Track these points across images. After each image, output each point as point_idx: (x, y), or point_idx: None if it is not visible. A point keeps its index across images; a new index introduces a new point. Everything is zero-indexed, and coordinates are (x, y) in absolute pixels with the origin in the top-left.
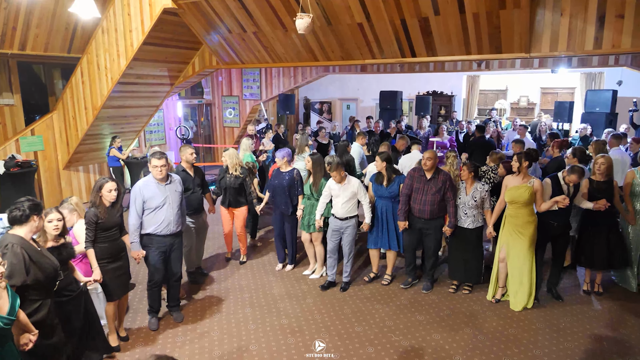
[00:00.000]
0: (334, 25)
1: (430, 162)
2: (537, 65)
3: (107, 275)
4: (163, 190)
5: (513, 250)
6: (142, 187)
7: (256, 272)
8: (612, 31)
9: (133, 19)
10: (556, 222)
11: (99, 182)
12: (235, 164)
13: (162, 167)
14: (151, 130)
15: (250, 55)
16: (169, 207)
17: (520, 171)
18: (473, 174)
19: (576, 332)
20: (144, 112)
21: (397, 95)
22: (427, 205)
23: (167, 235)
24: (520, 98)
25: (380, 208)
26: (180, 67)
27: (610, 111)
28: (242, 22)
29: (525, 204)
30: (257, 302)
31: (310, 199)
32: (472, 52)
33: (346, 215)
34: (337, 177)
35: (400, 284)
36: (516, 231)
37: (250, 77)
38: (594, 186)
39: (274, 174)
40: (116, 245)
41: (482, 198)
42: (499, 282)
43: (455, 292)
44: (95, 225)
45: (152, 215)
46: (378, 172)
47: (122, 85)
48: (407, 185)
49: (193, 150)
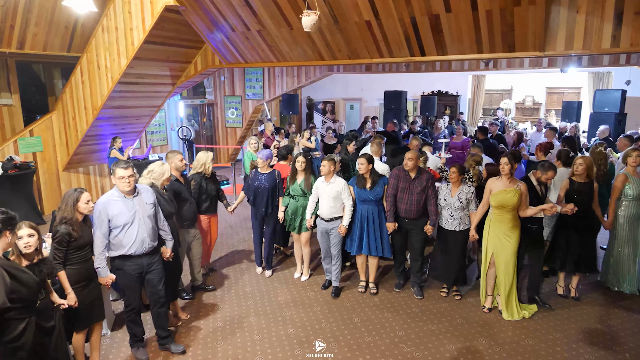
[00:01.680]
0: (341, 23)
1: (412, 163)
2: (547, 64)
3: (80, 301)
4: (130, 205)
5: (501, 256)
6: (105, 203)
7: (260, 278)
8: (631, 29)
9: (134, 17)
10: (535, 226)
11: (73, 196)
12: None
13: (129, 178)
14: (152, 131)
15: (254, 54)
16: (141, 223)
17: (512, 174)
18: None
19: (595, 342)
20: (145, 112)
21: (402, 95)
22: (413, 204)
23: (143, 255)
24: (525, 98)
25: (364, 213)
26: (182, 67)
27: (619, 111)
28: (246, 20)
29: (513, 208)
30: (262, 310)
31: (299, 199)
32: (484, 51)
33: (331, 216)
34: (325, 167)
35: (395, 288)
36: (503, 236)
37: (253, 76)
38: (574, 187)
39: (253, 176)
40: (90, 266)
41: (468, 200)
42: (487, 289)
43: (447, 295)
44: (68, 244)
45: (122, 235)
46: (359, 176)
47: (123, 85)
48: (393, 185)
49: (182, 157)
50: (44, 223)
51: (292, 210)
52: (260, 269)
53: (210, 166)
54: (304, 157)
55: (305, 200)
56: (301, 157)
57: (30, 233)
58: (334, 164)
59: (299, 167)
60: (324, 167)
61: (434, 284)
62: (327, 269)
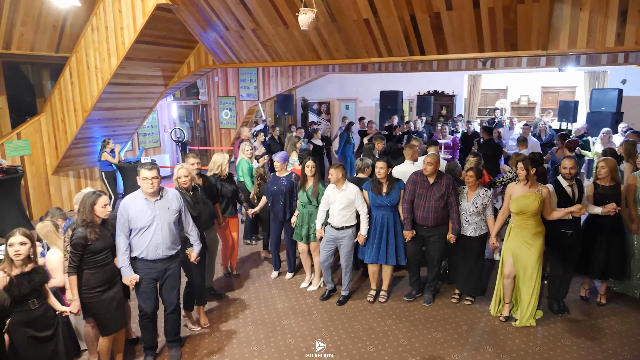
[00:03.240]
0: (338, 21)
1: (431, 167)
2: (545, 64)
3: (100, 306)
4: (151, 208)
5: (521, 264)
6: (127, 203)
7: (257, 285)
8: (636, 26)
9: (124, 16)
10: (570, 231)
11: (90, 198)
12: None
13: (153, 180)
14: (145, 133)
15: (249, 54)
16: (158, 228)
17: (529, 179)
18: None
19: (605, 349)
20: (136, 114)
21: (398, 95)
22: (430, 212)
23: (158, 261)
24: (520, 97)
25: (379, 219)
26: (175, 67)
27: (616, 110)
28: (241, 18)
29: (534, 214)
30: (260, 320)
31: (307, 206)
32: (486, 50)
33: (342, 225)
34: (333, 176)
35: (404, 297)
36: (524, 243)
37: (247, 77)
38: (598, 191)
39: (271, 179)
40: (109, 271)
41: (484, 205)
42: (504, 298)
43: (458, 302)
44: (83, 248)
45: (137, 237)
46: (373, 180)
47: (114, 86)
48: (410, 191)
49: (196, 160)
50: (32, 228)
51: (299, 218)
52: (276, 273)
53: (226, 168)
54: (313, 162)
55: (311, 208)
56: (310, 162)
57: (22, 241)
58: (342, 170)
59: (308, 173)
60: (331, 176)
61: (444, 292)
62: (326, 277)
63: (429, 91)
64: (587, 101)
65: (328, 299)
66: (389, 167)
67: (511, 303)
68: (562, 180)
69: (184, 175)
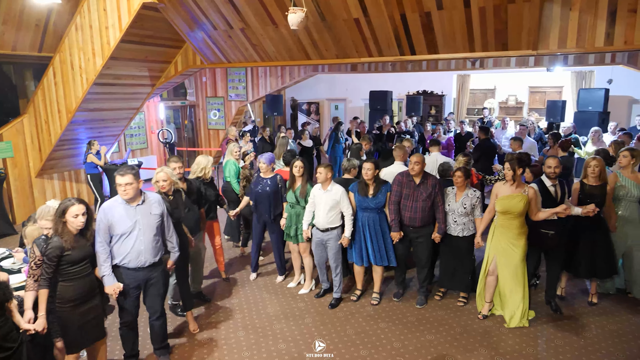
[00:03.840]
0: (328, 21)
1: (418, 167)
2: (533, 64)
3: (69, 321)
4: (132, 214)
5: (504, 263)
6: (106, 208)
7: (248, 288)
8: (625, 27)
9: (109, 15)
10: (552, 232)
11: (61, 205)
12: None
13: (126, 187)
14: (132, 134)
15: (237, 54)
16: (140, 234)
17: (515, 179)
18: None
19: (598, 349)
20: (123, 114)
21: (388, 95)
22: (418, 212)
23: (140, 269)
24: (508, 97)
25: (365, 221)
26: (162, 67)
27: (602, 110)
28: (229, 17)
29: (519, 214)
30: (250, 324)
31: (295, 207)
32: (477, 50)
33: (327, 227)
34: (322, 175)
35: (393, 297)
36: (509, 243)
37: (235, 77)
38: (585, 190)
39: (255, 180)
40: (88, 282)
41: (473, 205)
42: (485, 297)
43: (440, 299)
44: (59, 259)
45: (118, 244)
46: (360, 182)
47: (99, 87)
48: (396, 192)
49: (178, 164)
50: (15, 233)
51: (288, 219)
52: (255, 274)
53: (210, 171)
54: (301, 162)
55: (299, 208)
56: (298, 162)
57: None
58: (331, 170)
59: (296, 173)
60: (320, 175)
61: (433, 291)
62: (322, 277)
63: (418, 91)
64: (574, 101)
65: (323, 296)
66: (377, 169)
67: (491, 302)
68: (546, 180)
69: (162, 179)
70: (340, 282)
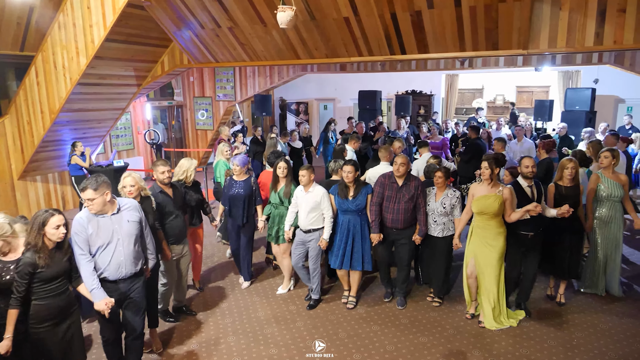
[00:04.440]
0: (318, 19)
1: (404, 168)
2: (522, 63)
3: (53, 341)
4: (108, 224)
5: (483, 264)
6: (82, 219)
7: (237, 292)
8: (614, 26)
9: (93, 13)
10: (531, 233)
11: (40, 218)
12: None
13: (88, 202)
14: (118, 135)
15: (226, 53)
16: (119, 245)
17: (492, 179)
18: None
19: (591, 349)
20: (108, 115)
21: (377, 95)
22: (400, 214)
23: (120, 280)
24: (496, 97)
25: (345, 224)
26: (148, 67)
27: (589, 109)
28: (216, 16)
29: (495, 214)
30: (241, 329)
31: (279, 208)
32: (467, 49)
33: (309, 228)
34: (305, 177)
35: (384, 298)
36: (486, 244)
37: (223, 77)
38: (560, 192)
39: (228, 184)
40: (64, 300)
41: (452, 205)
42: (470, 297)
43: (432, 300)
44: (32, 276)
45: (96, 257)
46: (340, 184)
47: (83, 87)
48: (378, 194)
49: (166, 168)
50: None
51: (270, 220)
52: (247, 282)
53: (192, 174)
54: (285, 163)
55: (283, 209)
56: (282, 163)
57: None
58: (312, 172)
59: (280, 174)
60: (303, 177)
61: (419, 293)
62: (303, 278)
63: (407, 91)
64: (561, 100)
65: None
66: (357, 171)
67: (477, 301)
68: (522, 181)
69: (129, 185)
70: (317, 283)
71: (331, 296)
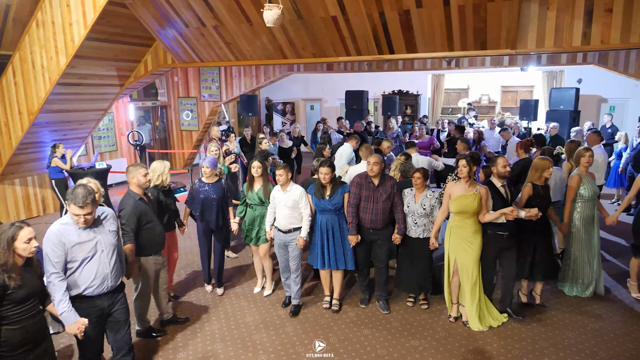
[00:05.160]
0: (305, 19)
1: (377, 168)
2: (508, 63)
3: None
4: (91, 234)
5: (463, 264)
6: (61, 232)
7: (225, 297)
8: (601, 26)
9: (73, 11)
10: (505, 233)
11: (8, 232)
12: None
13: (85, 217)
14: (100, 136)
15: (211, 53)
16: (104, 256)
17: (470, 177)
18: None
19: (582, 349)
20: (90, 116)
21: (364, 95)
22: (379, 214)
23: (103, 295)
24: (481, 97)
25: (324, 223)
26: (131, 66)
27: (573, 109)
28: (201, 15)
29: (473, 213)
30: (228, 335)
31: (256, 208)
32: (456, 49)
33: (289, 228)
34: (282, 177)
35: (360, 304)
36: (465, 242)
37: (208, 77)
38: (538, 192)
39: (197, 187)
40: (37, 323)
41: (432, 206)
42: (452, 298)
43: (413, 305)
44: (1, 299)
45: (78, 272)
46: (316, 184)
47: (63, 87)
48: (355, 195)
49: (147, 171)
50: None
51: (249, 221)
52: (210, 286)
53: (167, 177)
54: (259, 162)
55: (263, 209)
56: (256, 162)
57: None
58: (289, 171)
59: (255, 174)
60: (280, 177)
61: (402, 296)
62: (287, 283)
63: (393, 91)
64: (545, 100)
65: (289, 305)
66: (333, 171)
67: (458, 304)
68: (496, 180)
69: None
70: (299, 287)
71: (319, 299)
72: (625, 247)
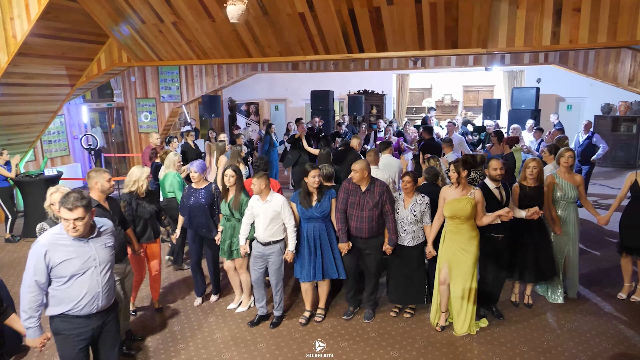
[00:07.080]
0: (271, 15)
1: (357, 176)
2: (472, 63)
3: None
4: (85, 249)
5: (456, 270)
6: (46, 245)
7: (191, 313)
8: (570, 26)
9: (14, 4)
10: (500, 235)
11: None
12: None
13: (75, 222)
14: (50, 140)
15: (170, 50)
16: (96, 273)
17: (460, 182)
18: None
19: (561, 351)
20: (38, 119)
21: (329, 95)
22: (364, 222)
23: (93, 315)
24: (444, 96)
25: (311, 232)
26: (83, 65)
27: (534, 107)
28: (159, 10)
29: (467, 217)
30: (196, 355)
31: (230, 219)
32: (427, 48)
33: (269, 240)
34: (256, 186)
35: (343, 316)
36: (460, 249)
37: (168, 76)
38: (525, 192)
39: (187, 193)
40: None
41: (422, 212)
42: (440, 306)
43: (397, 315)
44: None
45: (66, 287)
46: (301, 191)
47: (6, 87)
48: (343, 200)
49: (110, 176)
50: None
51: (222, 233)
52: (200, 299)
53: (145, 184)
54: (232, 171)
55: (234, 221)
56: (229, 171)
57: None
58: (266, 179)
59: (227, 182)
60: (254, 186)
61: (387, 304)
62: (258, 298)
63: (359, 91)
64: (506, 99)
65: (257, 324)
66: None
67: (447, 312)
68: (489, 183)
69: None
70: (281, 300)
71: (293, 311)
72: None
